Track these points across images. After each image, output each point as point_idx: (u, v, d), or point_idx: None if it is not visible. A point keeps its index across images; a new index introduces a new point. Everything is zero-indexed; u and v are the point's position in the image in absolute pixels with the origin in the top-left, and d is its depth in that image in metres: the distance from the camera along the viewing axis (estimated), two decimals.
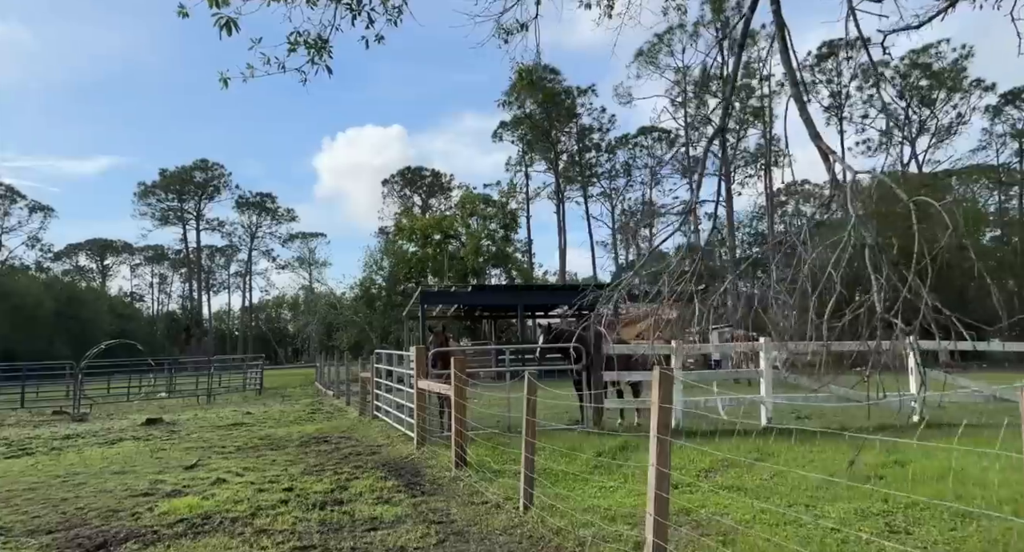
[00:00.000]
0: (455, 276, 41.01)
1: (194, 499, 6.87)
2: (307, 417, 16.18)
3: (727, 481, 6.49)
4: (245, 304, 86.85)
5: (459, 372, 7.74)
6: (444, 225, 43.43)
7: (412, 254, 45.38)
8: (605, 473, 7.03)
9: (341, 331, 49.35)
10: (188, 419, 16.50)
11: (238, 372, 30.53)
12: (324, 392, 25.29)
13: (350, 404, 18.49)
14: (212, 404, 22.31)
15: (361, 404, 16.05)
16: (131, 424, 15.55)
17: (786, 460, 7.37)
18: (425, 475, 7.89)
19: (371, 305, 47.26)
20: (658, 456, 3.72)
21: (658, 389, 3.77)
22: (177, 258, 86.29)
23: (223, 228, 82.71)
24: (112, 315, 69.03)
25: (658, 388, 3.77)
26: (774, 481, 6.38)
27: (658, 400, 3.76)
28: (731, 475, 6.68)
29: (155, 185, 77.48)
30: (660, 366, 3.78)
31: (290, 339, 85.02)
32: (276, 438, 12.13)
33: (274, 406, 20.14)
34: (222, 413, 17.98)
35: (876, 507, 5.30)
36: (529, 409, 5.56)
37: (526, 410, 5.58)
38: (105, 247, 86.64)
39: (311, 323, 56.02)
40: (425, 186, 68.59)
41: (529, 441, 5.55)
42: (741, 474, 6.77)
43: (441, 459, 8.59)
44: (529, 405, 5.58)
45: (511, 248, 45.53)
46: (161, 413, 18.67)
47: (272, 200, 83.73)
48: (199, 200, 79.31)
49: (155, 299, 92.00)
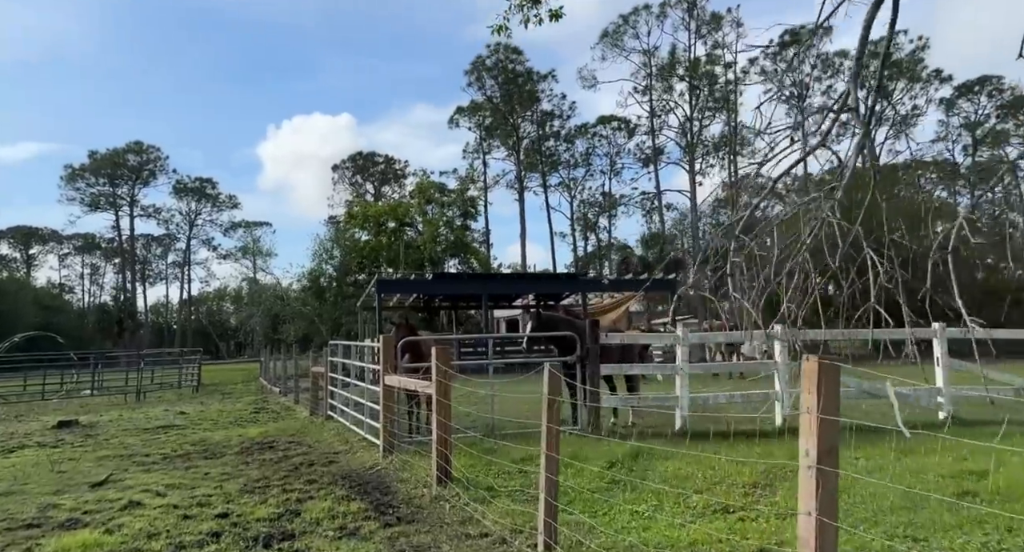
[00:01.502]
0: (411, 266, 39.19)
1: (93, 534, 5.20)
2: (250, 418, 14.36)
3: (783, 498, 5.20)
4: (184, 296, 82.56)
5: (443, 365, 6.23)
6: (399, 212, 41.42)
7: (365, 243, 43.25)
8: (627, 490, 5.65)
9: (288, 324, 46.78)
10: (110, 421, 14.45)
11: (173, 367, 28.07)
12: (270, 389, 23.28)
13: (299, 402, 16.70)
14: (142, 403, 20.08)
15: (312, 402, 14.32)
16: (40, 427, 13.44)
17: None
18: (398, 493, 6.37)
19: (320, 296, 44.90)
20: (821, 496, 2.32)
21: (817, 389, 2.37)
22: (110, 247, 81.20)
23: (159, 215, 78.17)
24: (37, 307, 64.26)
25: (817, 388, 2.37)
26: (842, 499, 5.11)
27: (820, 407, 2.36)
28: (786, 488, 5.39)
29: (84, 168, 72.34)
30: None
31: (232, 332, 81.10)
32: (212, 444, 10.36)
33: (212, 405, 18.13)
34: (151, 413, 15.94)
35: (1009, 542, 4.07)
36: (551, 414, 4.12)
37: (547, 415, 4.13)
38: (30, 235, 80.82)
39: (255, 315, 53.11)
40: (378, 173, 65.95)
41: (551, 457, 4.11)
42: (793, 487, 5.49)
43: (416, 471, 7.07)
44: (551, 409, 4.13)
45: (469, 237, 43.91)
46: (79, 414, 16.49)
47: (213, 186, 79.55)
48: (133, 185, 74.55)
49: (86, 291, 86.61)
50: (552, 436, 4.09)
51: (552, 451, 4.10)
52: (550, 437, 4.09)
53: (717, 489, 5.49)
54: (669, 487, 5.53)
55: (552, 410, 4.12)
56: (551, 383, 4.13)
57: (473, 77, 52.68)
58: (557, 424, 4.14)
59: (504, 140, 54.94)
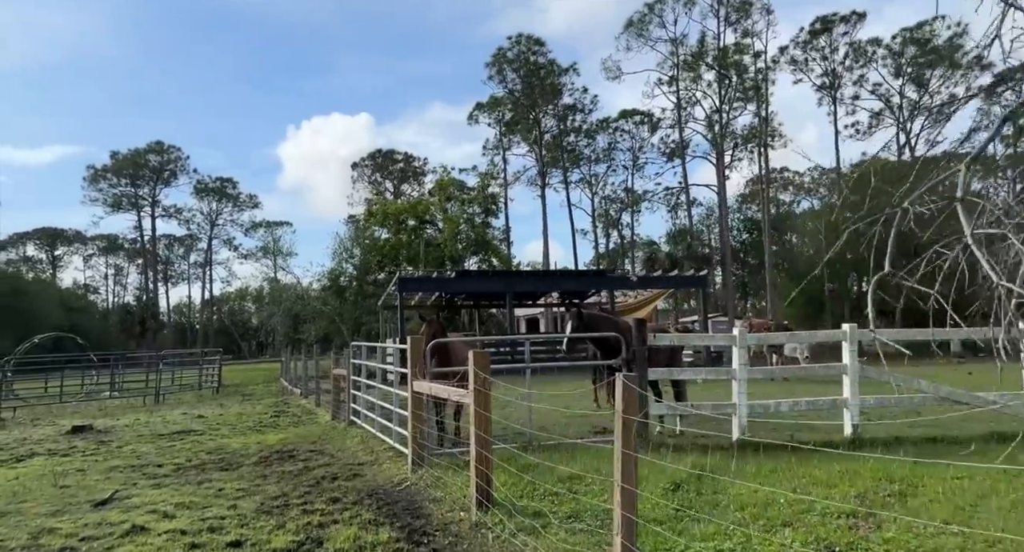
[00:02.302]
0: (431, 264, 38.53)
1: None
2: (269, 422, 13.74)
3: (897, 534, 4.36)
4: (206, 296, 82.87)
5: (481, 371, 5.47)
6: (419, 210, 40.75)
7: (385, 241, 42.68)
8: (701, 519, 4.84)
9: (309, 323, 46.40)
10: (126, 425, 13.93)
11: (193, 368, 27.70)
12: (290, 390, 22.74)
13: (320, 405, 16.07)
14: (160, 405, 19.63)
15: (334, 406, 13.67)
16: (54, 433, 12.94)
17: (930, 489, 5.30)
18: (432, 517, 5.63)
19: (341, 295, 44.45)
20: None
21: None
22: (132, 248, 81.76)
23: (181, 215, 78.38)
24: (62, 308, 64.66)
25: None
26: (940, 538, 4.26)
27: None
28: (893, 520, 4.54)
29: (106, 169, 72.75)
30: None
31: (254, 332, 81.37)
32: (229, 452, 9.73)
33: (232, 407, 17.59)
34: (169, 417, 15.43)
35: None
36: (627, 438, 3.33)
37: (623, 439, 3.34)
38: (55, 236, 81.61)
39: (276, 314, 52.86)
40: (397, 171, 65.41)
41: (628, 492, 3.32)
42: (900, 519, 4.65)
43: (450, 489, 6.33)
44: (627, 432, 3.35)
45: (490, 235, 43.14)
46: (96, 417, 16.03)
47: (233, 185, 79.57)
48: (154, 185, 74.81)
49: (111, 291, 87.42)
50: (630, 465, 3.30)
51: (630, 482, 3.31)
52: (627, 466, 3.31)
53: (808, 519, 4.66)
54: (751, 516, 4.72)
55: (629, 433, 3.33)
56: (626, 398, 3.35)
57: (494, 70, 51.83)
58: (634, 449, 3.36)
59: (525, 135, 53.93)
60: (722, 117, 43.74)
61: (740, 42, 43.22)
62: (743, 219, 57.47)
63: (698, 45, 44.28)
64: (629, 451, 3.31)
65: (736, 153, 47.37)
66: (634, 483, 3.33)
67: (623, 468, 3.30)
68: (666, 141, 53.99)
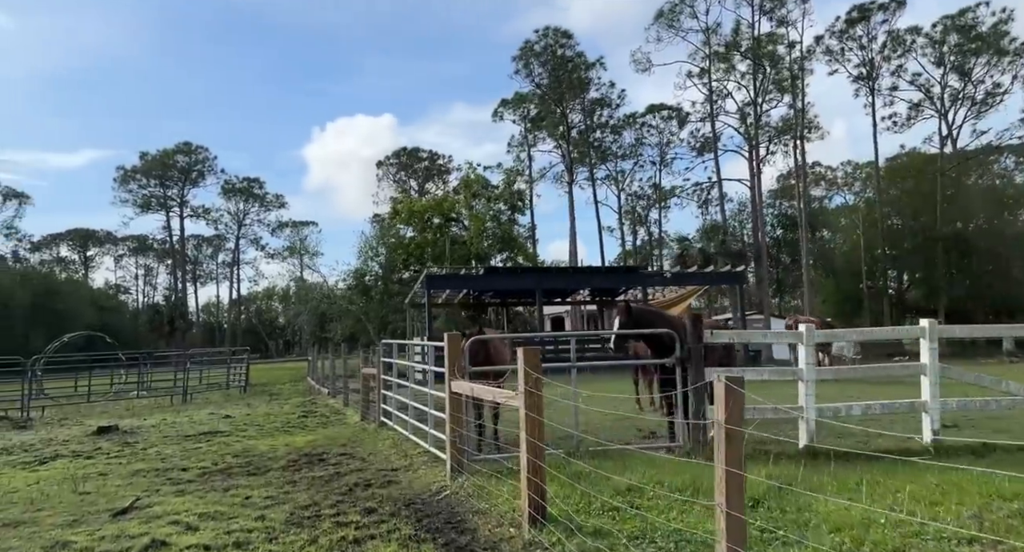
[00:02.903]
0: (457, 262, 38.09)
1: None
2: (297, 422, 13.34)
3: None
4: (233, 296, 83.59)
5: (532, 370, 4.89)
6: (445, 207, 40.31)
7: (410, 240, 42.37)
8: (793, 542, 4.20)
9: (335, 322, 46.28)
10: (153, 425, 13.63)
11: (221, 367, 27.56)
12: (317, 389, 22.43)
13: (348, 405, 15.67)
14: (188, 405, 19.42)
15: (363, 406, 13.22)
16: (80, 433, 12.67)
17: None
18: (477, 533, 5.07)
19: (367, 294, 44.24)
20: None
21: None
22: (162, 248, 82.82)
23: (208, 215, 79.18)
24: (94, 308, 65.62)
25: None
26: None
27: None
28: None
29: (135, 170, 73.72)
30: None
31: (281, 331, 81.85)
32: (256, 455, 9.30)
33: (259, 407, 17.27)
34: (196, 417, 15.12)
35: None
36: (732, 452, 2.73)
37: (726, 452, 2.74)
38: (87, 237, 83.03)
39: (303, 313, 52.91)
40: (422, 169, 65.19)
41: (736, 519, 2.71)
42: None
43: (494, 500, 5.77)
44: (732, 446, 2.74)
45: (516, 233, 42.55)
46: (123, 417, 15.81)
47: (260, 185, 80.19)
48: (183, 186, 75.64)
49: (140, 291, 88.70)
50: (737, 488, 2.70)
51: (737, 508, 2.71)
52: (734, 489, 2.70)
53: (923, 546, 4.00)
54: (851, 541, 4.07)
55: (735, 448, 2.73)
56: (730, 406, 2.74)
57: (521, 64, 51.09)
58: (742, 467, 2.75)
59: (551, 130, 53.13)
60: (756, 109, 42.46)
61: (775, 32, 42.00)
62: (776, 214, 56.08)
63: (732, 34, 43.03)
64: (736, 470, 2.70)
65: (770, 146, 46.11)
66: (742, 509, 2.72)
67: (729, 491, 2.69)
68: (696, 135, 52.88)
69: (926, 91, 43.36)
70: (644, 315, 8.02)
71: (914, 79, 43.16)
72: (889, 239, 41.12)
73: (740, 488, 2.72)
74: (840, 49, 42.18)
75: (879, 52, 42.15)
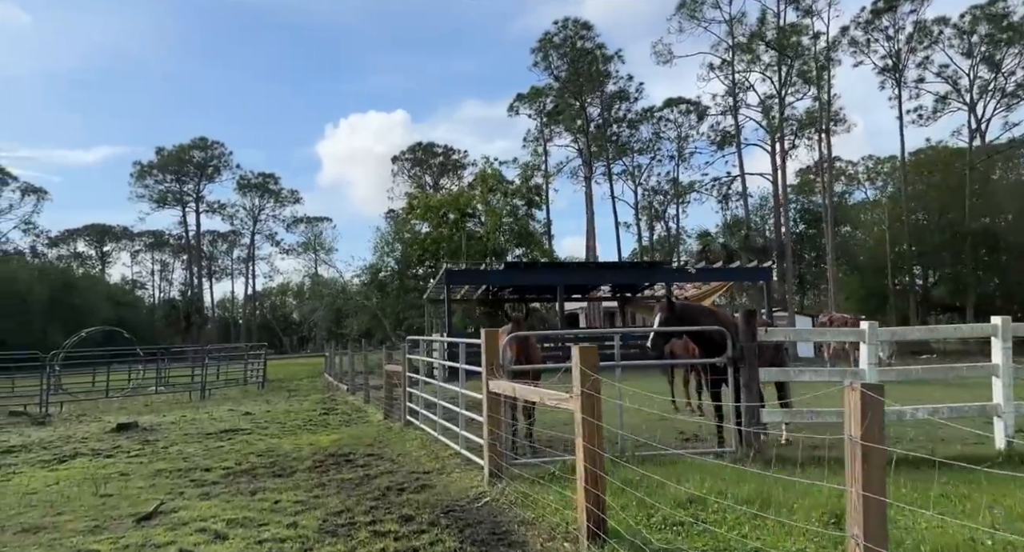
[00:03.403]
0: (473, 258, 37.73)
1: None
2: (319, 420, 13.02)
3: None
4: (248, 291, 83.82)
5: (589, 369, 4.49)
6: (461, 202, 39.93)
7: (426, 235, 42.07)
8: None
9: (351, 318, 46.09)
10: (172, 422, 13.38)
11: (239, 363, 27.39)
12: (336, 386, 22.15)
13: (369, 402, 15.35)
14: (206, 401, 19.21)
15: (386, 404, 12.88)
16: (99, 430, 12.44)
17: None
18: (529, 548, 4.67)
19: (382, 290, 44.03)
20: None
21: None
22: (178, 244, 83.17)
23: (224, 211, 79.37)
24: (111, 303, 66.00)
25: None
26: None
27: None
28: None
29: (152, 165, 73.98)
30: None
31: (295, 327, 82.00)
32: (280, 455, 8.97)
33: (278, 404, 17.01)
34: (216, 413, 14.87)
35: None
36: (872, 471, 2.31)
37: (861, 468, 2.33)
38: (103, 232, 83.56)
39: (319, 309, 52.79)
40: (437, 165, 64.84)
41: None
42: None
43: (541, 509, 5.37)
44: (871, 465, 2.33)
45: (532, 228, 42.07)
46: (142, 413, 15.60)
47: (275, 181, 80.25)
48: (199, 181, 75.80)
49: (157, 287, 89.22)
50: (878, 517, 2.28)
51: (878, 542, 2.28)
52: (873, 518, 2.28)
53: None
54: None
55: (875, 470, 2.30)
56: (869, 418, 2.32)
57: (540, 56, 50.51)
58: (885, 492, 2.32)
59: (569, 124, 52.55)
60: (781, 101, 41.63)
61: (799, 23, 41.11)
62: (798, 210, 55.13)
63: (758, 23, 42.14)
64: (878, 496, 2.28)
65: (794, 140, 45.14)
66: (885, 543, 2.30)
67: (868, 520, 2.28)
68: (716, 129, 52.05)
69: (953, 83, 42.32)
70: (689, 311, 7.58)
71: (941, 71, 42.21)
72: (915, 235, 40.23)
73: (882, 517, 2.30)
74: (866, 40, 41.28)
75: (906, 43, 41.13)
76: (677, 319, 7.47)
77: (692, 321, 7.40)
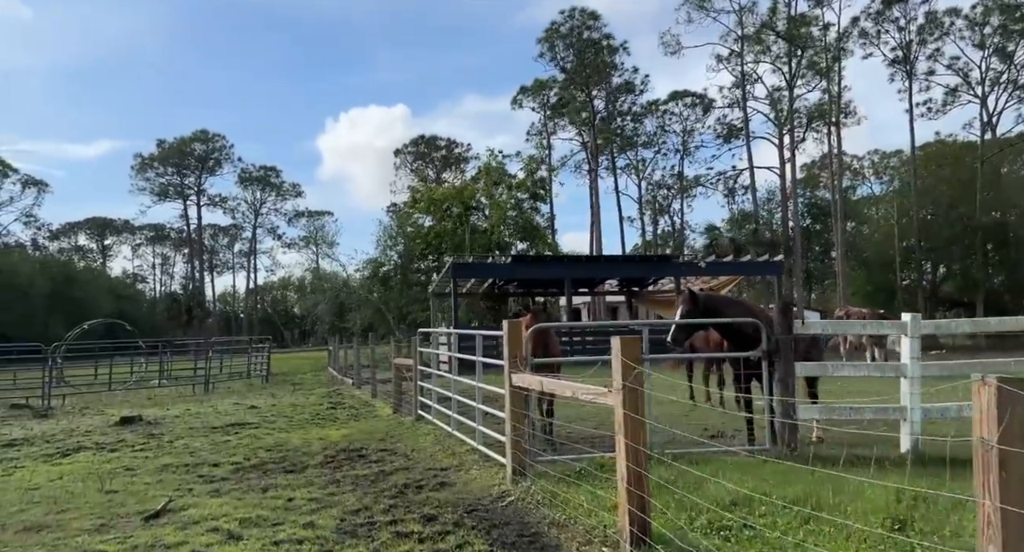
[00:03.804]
0: (477, 252, 37.41)
1: None
2: (327, 414, 12.73)
3: None
4: (250, 285, 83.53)
5: (631, 362, 4.19)
6: (465, 195, 39.57)
7: (429, 229, 41.70)
8: None
9: (354, 312, 45.79)
10: (177, 416, 13.08)
11: (242, 356, 27.12)
12: (341, 379, 21.89)
13: (376, 396, 15.07)
14: (210, 394, 18.94)
15: (395, 398, 12.60)
16: (102, 423, 12.15)
17: None
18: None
19: (385, 284, 43.71)
20: None
21: None
22: (179, 237, 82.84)
23: (225, 204, 78.98)
24: (112, 296, 65.73)
25: None
26: None
27: None
28: None
29: (153, 158, 73.59)
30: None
31: (297, 321, 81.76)
32: (290, 449, 8.69)
33: (284, 397, 16.73)
34: (220, 407, 14.58)
35: None
36: (1010, 488, 2.01)
37: (1000, 491, 2.02)
38: (104, 226, 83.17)
39: (321, 302, 52.48)
40: (439, 158, 64.43)
41: None
42: None
43: (573, 510, 5.08)
44: (1010, 481, 2.02)
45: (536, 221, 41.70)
46: (145, 406, 15.31)
47: (277, 174, 79.83)
48: (200, 174, 75.41)
49: (158, 280, 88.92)
50: (1016, 533, 1.97)
51: None
52: (1011, 533, 1.98)
53: None
54: None
55: (1015, 474, 2.00)
56: (1009, 415, 2.01)
57: (545, 46, 49.98)
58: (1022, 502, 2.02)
59: (574, 116, 52.10)
60: (791, 93, 41.13)
61: (809, 13, 40.60)
62: (804, 203, 54.72)
63: (769, 13, 41.57)
64: (1019, 510, 1.97)
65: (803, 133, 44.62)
66: None
67: (1008, 535, 1.98)
68: (722, 122, 51.60)
69: (964, 75, 41.83)
70: (715, 303, 7.26)
71: (952, 63, 41.69)
72: (924, 229, 39.87)
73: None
74: (876, 31, 40.79)
75: (917, 34, 40.61)
76: (700, 311, 7.15)
77: (717, 313, 7.08)
